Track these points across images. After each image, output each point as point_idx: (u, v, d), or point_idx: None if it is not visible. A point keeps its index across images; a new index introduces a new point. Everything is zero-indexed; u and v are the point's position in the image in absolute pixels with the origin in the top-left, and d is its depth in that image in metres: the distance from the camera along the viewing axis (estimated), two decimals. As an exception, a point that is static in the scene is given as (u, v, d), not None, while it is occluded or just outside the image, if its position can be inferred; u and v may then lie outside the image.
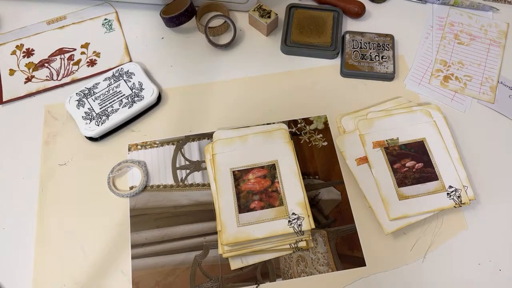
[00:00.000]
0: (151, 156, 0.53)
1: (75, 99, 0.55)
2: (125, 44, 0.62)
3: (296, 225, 0.46)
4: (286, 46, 0.59)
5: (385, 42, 0.60)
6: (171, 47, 0.62)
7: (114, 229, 0.48)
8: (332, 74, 0.59)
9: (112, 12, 0.65)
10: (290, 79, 0.58)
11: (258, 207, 0.47)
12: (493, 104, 0.56)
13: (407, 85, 0.58)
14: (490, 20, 0.63)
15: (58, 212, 0.49)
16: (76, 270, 0.46)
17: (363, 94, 0.57)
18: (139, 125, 0.55)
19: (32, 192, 0.51)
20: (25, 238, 0.48)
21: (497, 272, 0.46)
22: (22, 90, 0.58)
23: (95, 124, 0.52)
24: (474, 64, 0.59)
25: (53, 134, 0.54)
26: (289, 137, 0.52)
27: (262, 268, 0.46)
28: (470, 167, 0.51)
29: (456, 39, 0.62)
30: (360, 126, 0.53)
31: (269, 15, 0.60)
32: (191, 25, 0.62)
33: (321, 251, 0.47)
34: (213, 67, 0.60)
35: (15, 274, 0.46)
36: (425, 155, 0.51)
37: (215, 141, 0.52)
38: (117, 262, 0.46)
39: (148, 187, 0.51)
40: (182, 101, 0.57)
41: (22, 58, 0.61)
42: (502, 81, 0.58)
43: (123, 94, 0.55)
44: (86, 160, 0.53)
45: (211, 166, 0.50)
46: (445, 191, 0.48)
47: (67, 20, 0.64)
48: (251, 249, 0.46)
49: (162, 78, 0.59)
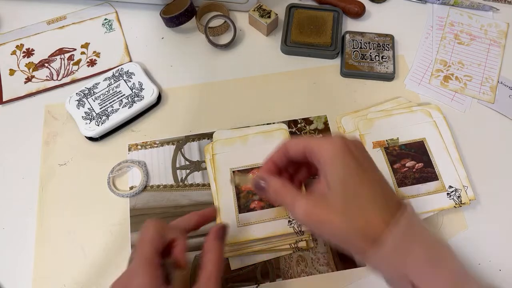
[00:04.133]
0: (151, 156, 0.53)
1: (75, 99, 0.55)
2: (125, 44, 0.62)
3: (296, 225, 0.46)
4: (286, 46, 0.59)
5: (385, 42, 0.60)
6: (171, 47, 0.62)
7: (114, 229, 0.48)
8: (332, 74, 0.59)
9: (112, 12, 0.65)
10: (290, 79, 0.58)
11: (258, 207, 0.47)
12: (493, 104, 0.56)
13: (407, 85, 0.58)
14: (490, 20, 0.63)
15: (58, 212, 0.49)
16: (76, 270, 0.46)
17: (363, 94, 0.57)
18: (139, 125, 0.55)
19: (32, 192, 0.51)
20: (25, 238, 0.48)
21: (497, 272, 0.46)
22: (22, 90, 0.58)
23: (95, 124, 0.52)
24: (474, 64, 0.59)
25: (53, 134, 0.54)
26: (289, 137, 0.52)
27: (262, 268, 0.46)
28: (470, 167, 0.51)
29: (456, 39, 0.62)
30: (360, 126, 0.53)
31: (269, 15, 0.60)
32: (191, 25, 0.62)
33: (321, 251, 0.47)
34: (213, 67, 0.60)
35: (15, 274, 0.46)
36: (425, 155, 0.51)
37: (215, 141, 0.52)
38: (117, 262, 0.46)
39: (148, 187, 0.51)
40: (182, 101, 0.57)
41: (22, 58, 0.61)
42: (502, 81, 0.58)
43: (123, 94, 0.55)
44: (86, 160, 0.53)
45: (211, 166, 0.50)
46: (445, 191, 0.48)
47: (67, 20, 0.64)
48: (251, 249, 0.46)
49: (162, 78, 0.59)
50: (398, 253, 0.31)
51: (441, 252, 0.32)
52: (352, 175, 0.33)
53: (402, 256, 0.31)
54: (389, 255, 0.31)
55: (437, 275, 0.31)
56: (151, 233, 0.35)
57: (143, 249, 0.34)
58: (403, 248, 0.31)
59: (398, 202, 0.33)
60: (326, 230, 0.33)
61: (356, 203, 0.32)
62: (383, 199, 0.33)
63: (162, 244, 0.35)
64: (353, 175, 0.33)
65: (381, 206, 0.32)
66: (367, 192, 0.33)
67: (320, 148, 0.34)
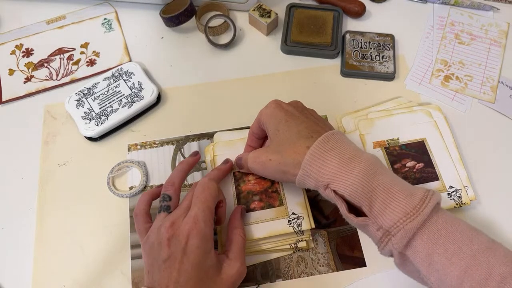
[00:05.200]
0: (151, 156, 0.52)
1: (74, 99, 0.54)
2: (124, 44, 0.61)
3: (296, 224, 0.46)
4: (286, 45, 0.59)
5: (386, 42, 0.60)
6: (171, 46, 0.61)
7: (113, 229, 0.48)
8: (332, 74, 0.59)
9: (112, 12, 0.65)
10: (290, 79, 0.58)
11: (258, 207, 0.47)
12: (494, 104, 0.56)
13: (407, 85, 0.58)
14: (490, 20, 0.63)
15: (57, 212, 0.49)
16: (75, 270, 0.46)
17: (363, 94, 0.57)
18: (139, 125, 0.55)
19: (32, 192, 0.50)
20: (24, 238, 0.48)
21: (498, 273, 0.46)
22: (21, 90, 0.58)
23: (95, 124, 0.52)
24: (475, 64, 0.59)
25: (53, 134, 0.54)
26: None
27: (262, 268, 0.46)
28: (470, 167, 0.51)
29: (457, 38, 0.62)
30: (361, 126, 0.53)
31: (269, 14, 0.60)
32: (191, 24, 0.62)
33: (321, 252, 0.46)
34: (213, 67, 0.59)
35: (15, 274, 0.46)
36: (425, 155, 0.50)
37: (216, 142, 0.52)
38: (117, 262, 0.46)
39: (148, 187, 0.51)
40: (182, 101, 0.57)
41: (22, 58, 0.61)
42: (503, 81, 0.58)
43: (123, 94, 0.55)
44: (85, 160, 0.52)
45: (211, 167, 0.50)
46: (446, 191, 0.48)
47: (66, 20, 0.64)
48: (251, 249, 0.45)
49: (162, 78, 0.58)
50: (315, 165, 0.37)
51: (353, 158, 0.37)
52: (282, 123, 0.41)
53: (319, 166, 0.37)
54: (308, 168, 0.37)
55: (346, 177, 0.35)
56: (215, 192, 0.41)
57: (208, 203, 0.39)
58: (319, 159, 0.37)
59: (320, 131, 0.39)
60: (268, 167, 0.42)
61: (286, 143, 0.40)
62: (307, 132, 0.40)
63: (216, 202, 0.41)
64: (282, 123, 0.41)
65: (305, 137, 0.39)
66: (294, 132, 0.40)
67: (261, 115, 0.44)
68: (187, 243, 0.37)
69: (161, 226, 0.38)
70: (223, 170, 0.47)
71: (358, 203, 0.35)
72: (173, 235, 0.37)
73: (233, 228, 0.43)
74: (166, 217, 0.39)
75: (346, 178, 0.35)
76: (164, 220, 0.39)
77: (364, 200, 0.35)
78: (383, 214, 0.34)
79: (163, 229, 0.38)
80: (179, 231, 0.37)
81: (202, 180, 0.42)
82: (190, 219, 0.38)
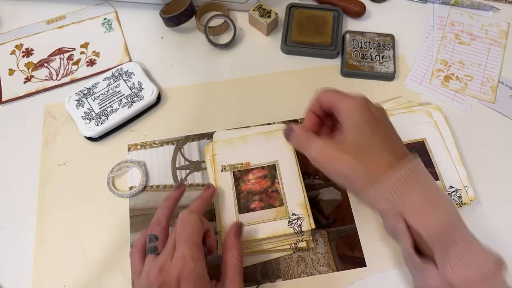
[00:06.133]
0: (151, 156, 0.52)
1: (74, 99, 0.54)
2: (124, 44, 0.61)
3: (296, 225, 0.46)
4: (286, 45, 0.59)
5: (386, 42, 0.59)
6: (171, 47, 0.61)
7: (113, 229, 0.48)
8: (332, 74, 0.59)
9: (112, 12, 0.65)
10: (290, 79, 0.58)
11: (258, 207, 0.47)
12: (494, 104, 0.56)
13: (407, 85, 0.58)
14: (490, 20, 0.63)
15: (57, 212, 0.49)
16: (75, 270, 0.46)
17: (363, 94, 0.57)
18: (139, 125, 0.55)
19: (32, 192, 0.50)
20: (24, 238, 0.48)
21: (498, 273, 0.46)
22: (21, 90, 0.58)
23: (95, 124, 0.52)
24: (475, 64, 0.59)
25: (53, 134, 0.54)
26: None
27: (262, 268, 0.46)
28: (470, 167, 0.51)
29: (457, 38, 0.62)
30: (361, 126, 0.53)
31: (269, 14, 0.60)
32: (191, 24, 0.62)
33: (321, 252, 0.46)
34: (213, 67, 0.59)
35: (15, 274, 0.46)
36: (425, 155, 0.50)
37: (215, 141, 0.52)
38: (117, 262, 0.46)
39: (148, 187, 0.51)
40: (182, 101, 0.57)
41: (22, 58, 0.61)
42: (503, 81, 0.58)
43: (123, 94, 0.55)
44: (85, 160, 0.52)
45: (211, 166, 0.50)
46: (446, 191, 0.48)
47: (66, 20, 0.64)
48: (251, 249, 0.45)
49: (162, 78, 0.58)
50: (398, 191, 0.34)
51: (439, 200, 0.35)
52: (366, 126, 0.37)
53: (401, 194, 0.34)
54: (388, 191, 0.34)
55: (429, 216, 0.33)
56: (197, 224, 0.38)
57: (193, 239, 0.37)
58: (404, 187, 0.34)
59: (407, 153, 0.36)
60: (334, 167, 0.37)
61: (366, 148, 0.36)
62: (392, 148, 0.36)
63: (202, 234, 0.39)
64: (367, 126, 0.37)
65: (389, 152, 0.35)
66: (378, 141, 0.36)
67: (343, 101, 0.38)
68: (179, 287, 0.35)
69: (149, 272, 0.36)
70: (205, 198, 0.44)
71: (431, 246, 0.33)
72: (163, 282, 0.35)
73: (227, 249, 0.41)
74: (154, 260, 0.37)
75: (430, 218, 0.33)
76: (152, 266, 0.37)
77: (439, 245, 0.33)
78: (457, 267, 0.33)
79: (153, 277, 0.36)
80: (168, 276, 0.35)
81: (182, 215, 0.39)
82: (178, 262, 0.35)
